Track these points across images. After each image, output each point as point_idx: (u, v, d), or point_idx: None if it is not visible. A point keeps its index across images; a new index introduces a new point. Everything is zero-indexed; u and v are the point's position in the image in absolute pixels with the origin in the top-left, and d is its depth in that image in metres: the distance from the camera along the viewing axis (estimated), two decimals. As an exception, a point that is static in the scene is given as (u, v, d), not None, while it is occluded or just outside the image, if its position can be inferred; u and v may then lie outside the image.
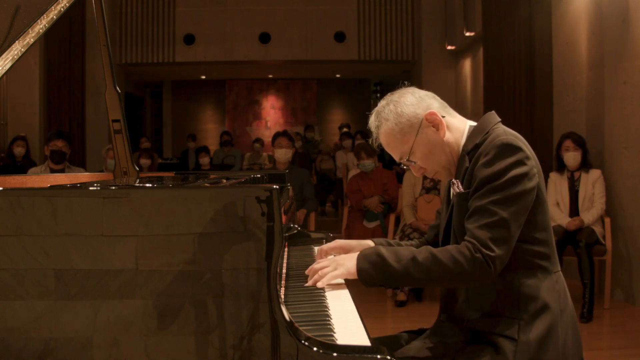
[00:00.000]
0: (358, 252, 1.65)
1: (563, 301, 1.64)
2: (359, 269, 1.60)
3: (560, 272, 1.70)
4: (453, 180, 1.73)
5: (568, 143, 4.73)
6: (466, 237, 1.59)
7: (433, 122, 1.72)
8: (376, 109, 1.78)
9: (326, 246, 1.87)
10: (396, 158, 1.78)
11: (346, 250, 1.85)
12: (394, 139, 1.74)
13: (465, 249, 1.55)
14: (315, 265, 1.70)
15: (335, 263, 1.66)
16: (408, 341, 1.82)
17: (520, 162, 1.59)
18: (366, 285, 1.61)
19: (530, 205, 1.61)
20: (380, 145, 1.79)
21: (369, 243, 1.87)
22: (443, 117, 1.73)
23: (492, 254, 1.53)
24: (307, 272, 1.73)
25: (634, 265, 4.71)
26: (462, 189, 1.67)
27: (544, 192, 1.66)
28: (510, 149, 1.59)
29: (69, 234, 1.20)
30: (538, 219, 1.64)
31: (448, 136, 1.73)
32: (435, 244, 1.85)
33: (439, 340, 1.72)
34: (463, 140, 1.74)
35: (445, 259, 1.56)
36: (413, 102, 1.73)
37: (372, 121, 1.77)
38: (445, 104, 1.78)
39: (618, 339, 4.10)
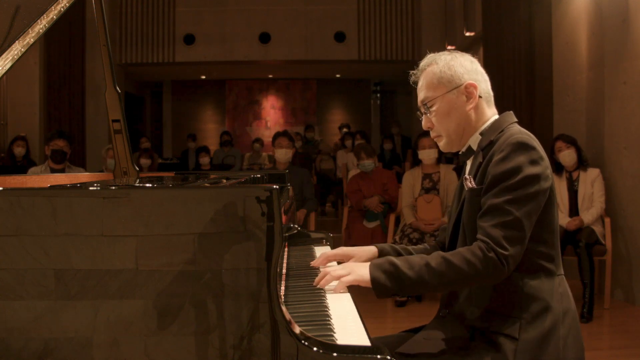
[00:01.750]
0: (370, 262, 1.63)
1: (565, 304, 1.64)
2: (373, 278, 1.57)
3: (563, 275, 1.70)
4: (466, 175, 1.75)
5: (559, 144, 4.77)
6: (478, 236, 1.59)
7: (469, 94, 1.75)
8: (437, 53, 1.83)
9: (330, 253, 1.86)
10: (419, 99, 1.82)
11: (349, 257, 1.84)
12: (429, 81, 1.78)
13: (477, 250, 1.55)
14: (328, 269, 1.69)
15: (349, 268, 1.64)
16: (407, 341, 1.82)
17: (535, 162, 1.60)
18: (379, 296, 1.59)
19: (542, 206, 1.61)
20: (415, 82, 1.84)
21: (372, 249, 1.86)
22: (480, 97, 1.76)
23: (505, 253, 1.54)
24: (316, 279, 1.70)
25: (634, 265, 4.71)
26: (474, 185, 1.68)
27: (555, 194, 1.67)
28: (524, 147, 1.61)
29: (69, 234, 1.20)
30: (547, 220, 1.65)
31: (471, 114, 1.76)
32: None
33: (438, 336, 1.72)
34: (481, 129, 1.76)
35: (458, 261, 1.55)
36: (467, 67, 1.77)
37: (425, 59, 1.82)
38: (491, 93, 1.82)
39: (618, 339, 4.10)
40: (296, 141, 9.28)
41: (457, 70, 1.75)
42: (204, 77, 13.52)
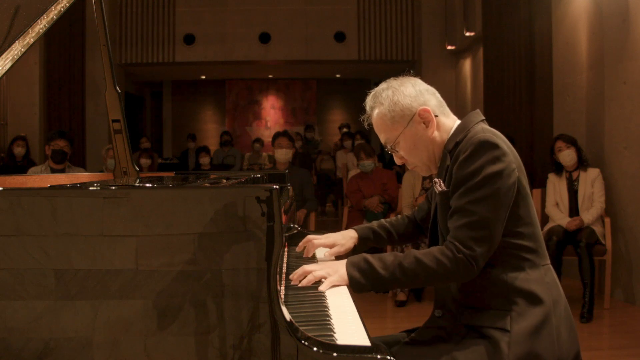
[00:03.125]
0: (346, 259, 1.69)
1: (555, 293, 1.66)
2: (349, 276, 1.64)
3: (550, 265, 1.72)
4: (435, 179, 1.77)
5: (559, 144, 4.77)
6: (448, 237, 1.63)
7: (425, 119, 1.75)
8: (375, 90, 1.81)
9: (316, 242, 1.96)
10: (382, 142, 1.83)
11: (333, 245, 1.95)
12: (383, 124, 1.78)
13: (447, 250, 1.60)
14: (307, 267, 1.71)
15: (330, 269, 1.68)
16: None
17: (497, 159, 1.61)
18: (356, 292, 1.65)
19: (512, 201, 1.63)
20: (370, 125, 1.83)
21: (353, 235, 1.96)
22: (436, 116, 1.76)
23: (473, 253, 1.57)
24: (294, 275, 1.71)
25: (634, 265, 4.71)
26: (444, 188, 1.71)
27: (525, 187, 1.68)
28: (486, 146, 1.62)
29: (69, 234, 1.20)
30: (521, 214, 1.66)
31: (435, 135, 1.77)
32: (421, 222, 2.01)
33: (434, 335, 1.73)
34: (447, 139, 1.77)
35: (429, 261, 1.60)
36: (411, 93, 1.76)
37: (368, 101, 1.81)
38: (443, 102, 1.82)
39: (618, 339, 4.10)
40: (296, 141, 9.27)
41: (403, 103, 1.74)
42: (204, 77, 13.53)
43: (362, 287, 1.64)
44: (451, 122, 1.80)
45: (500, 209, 1.60)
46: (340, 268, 1.67)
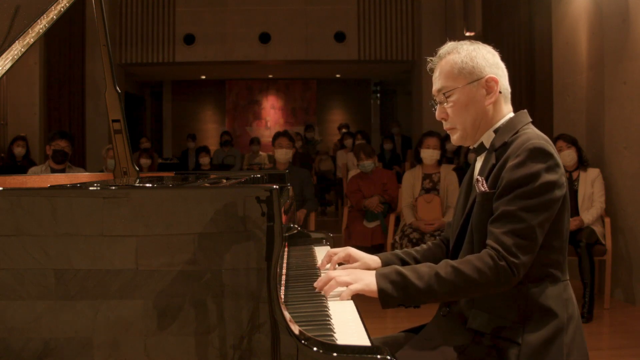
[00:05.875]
0: (376, 270, 1.59)
1: (570, 310, 1.62)
2: (380, 289, 1.54)
3: (569, 281, 1.67)
4: (477, 177, 1.70)
5: (560, 143, 4.77)
6: (489, 242, 1.56)
7: (489, 88, 1.71)
8: (459, 42, 1.80)
9: (336, 256, 1.81)
10: (435, 88, 1.78)
11: (354, 260, 1.80)
12: (449, 70, 1.74)
13: (487, 257, 1.53)
14: (332, 273, 1.63)
15: (355, 276, 1.59)
16: (408, 341, 1.81)
17: (551, 169, 1.56)
18: (384, 306, 1.56)
19: (555, 214, 1.58)
20: (432, 69, 1.81)
21: (376, 260, 1.81)
22: (500, 92, 1.72)
23: (516, 261, 1.52)
24: (319, 282, 1.63)
25: (634, 265, 4.71)
26: (486, 188, 1.64)
27: (568, 201, 1.64)
28: (542, 153, 1.57)
29: (69, 234, 1.20)
30: (559, 227, 1.62)
31: (490, 109, 1.72)
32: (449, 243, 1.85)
33: (439, 337, 1.71)
34: (496, 126, 1.72)
35: (468, 270, 1.53)
36: (489, 60, 1.74)
37: (447, 46, 1.80)
38: (509, 89, 1.78)
39: (618, 339, 4.11)
40: (296, 141, 9.28)
41: (479, 62, 1.71)
42: (204, 77, 13.52)
43: (393, 300, 1.53)
44: (506, 110, 1.75)
45: (545, 221, 1.56)
46: (366, 277, 1.56)
